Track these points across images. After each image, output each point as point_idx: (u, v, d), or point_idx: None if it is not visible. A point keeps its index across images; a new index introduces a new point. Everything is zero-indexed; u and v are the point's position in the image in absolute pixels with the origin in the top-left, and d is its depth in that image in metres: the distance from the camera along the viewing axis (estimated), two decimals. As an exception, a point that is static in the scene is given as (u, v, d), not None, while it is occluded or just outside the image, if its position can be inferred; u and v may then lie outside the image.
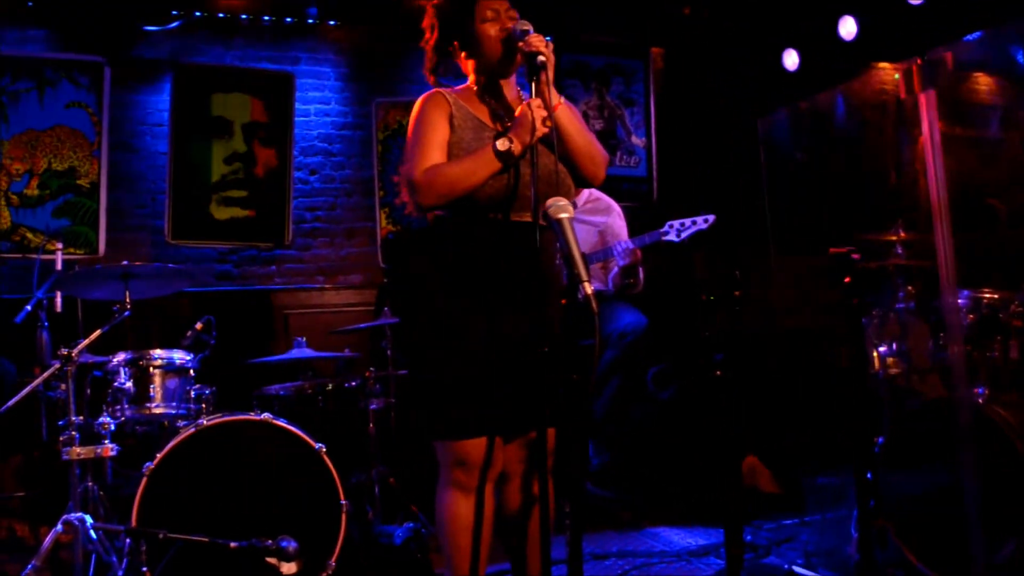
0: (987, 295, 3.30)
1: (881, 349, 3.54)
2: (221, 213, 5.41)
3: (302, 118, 5.62)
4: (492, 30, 2.48)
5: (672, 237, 4.20)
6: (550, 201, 2.23)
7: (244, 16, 5.48)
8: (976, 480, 2.77)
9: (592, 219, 4.57)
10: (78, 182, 5.14)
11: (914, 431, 3.25)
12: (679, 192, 6.17)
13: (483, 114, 2.55)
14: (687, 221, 4.22)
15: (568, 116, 2.50)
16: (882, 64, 5.92)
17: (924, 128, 2.99)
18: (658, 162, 6.26)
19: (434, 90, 2.57)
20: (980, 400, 3.10)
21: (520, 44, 2.40)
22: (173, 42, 5.37)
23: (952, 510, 2.87)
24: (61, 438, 3.19)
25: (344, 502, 3.28)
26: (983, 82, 5.48)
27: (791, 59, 5.60)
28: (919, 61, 3.00)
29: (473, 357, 2.45)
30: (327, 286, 5.58)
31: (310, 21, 5.63)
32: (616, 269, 4.38)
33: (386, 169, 5.71)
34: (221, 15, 5.42)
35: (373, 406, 4.15)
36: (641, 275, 4.39)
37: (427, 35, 2.62)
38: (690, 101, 6.22)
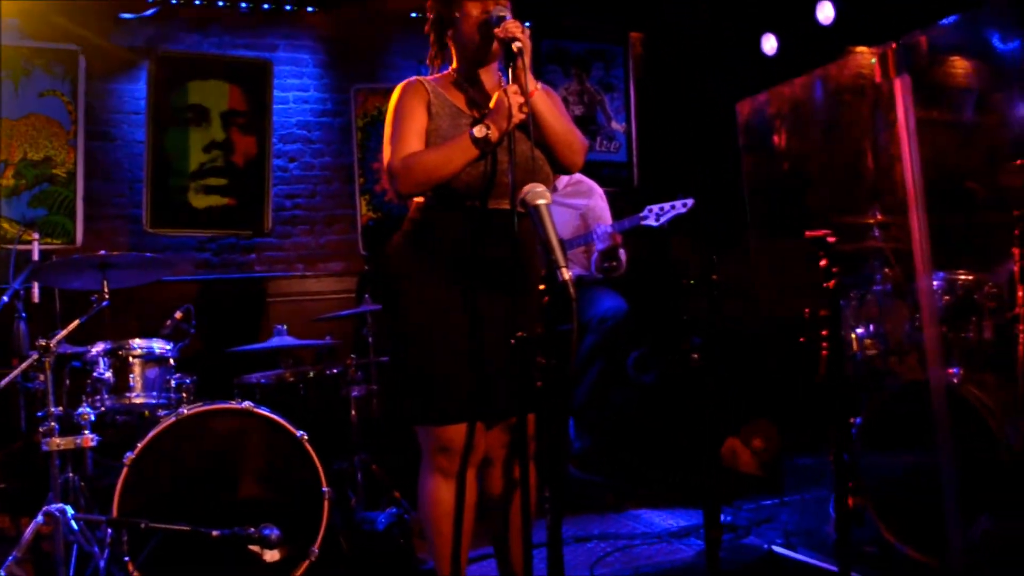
0: (962, 277, 3.34)
1: (859, 331, 3.57)
2: (200, 201, 5.38)
3: (281, 105, 5.58)
4: (475, 11, 2.47)
5: (651, 222, 4.22)
6: (527, 187, 2.23)
7: (221, 3, 5.43)
8: (951, 459, 2.82)
9: (574, 202, 4.58)
10: (54, 171, 5.10)
11: (892, 412, 3.29)
12: (659, 177, 6.19)
13: (461, 102, 2.55)
14: (666, 205, 4.24)
15: (545, 102, 2.50)
16: (860, 48, 5.94)
17: (899, 113, 3.01)
18: (638, 147, 6.28)
19: (412, 78, 2.56)
20: (955, 380, 3.14)
21: (496, 30, 2.40)
22: (149, 30, 5.32)
23: (929, 489, 2.91)
24: (40, 429, 3.17)
25: (326, 489, 3.29)
26: (959, 65, 5.50)
27: (769, 44, 5.62)
28: (894, 46, 3.02)
29: (454, 343, 2.46)
30: (307, 274, 5.57)
31: (288, 7, 5.59)
32: (596, 253, 4.39)
33: (366, 156, 5.69)
34: (198, 2, 5.37)
35: (355, 393, 4.15)
36: (623, 257, 4.41)
37: (428, 19, 2.61)
38: (670, 86, 6.23)
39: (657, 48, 6.33)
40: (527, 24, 2.42)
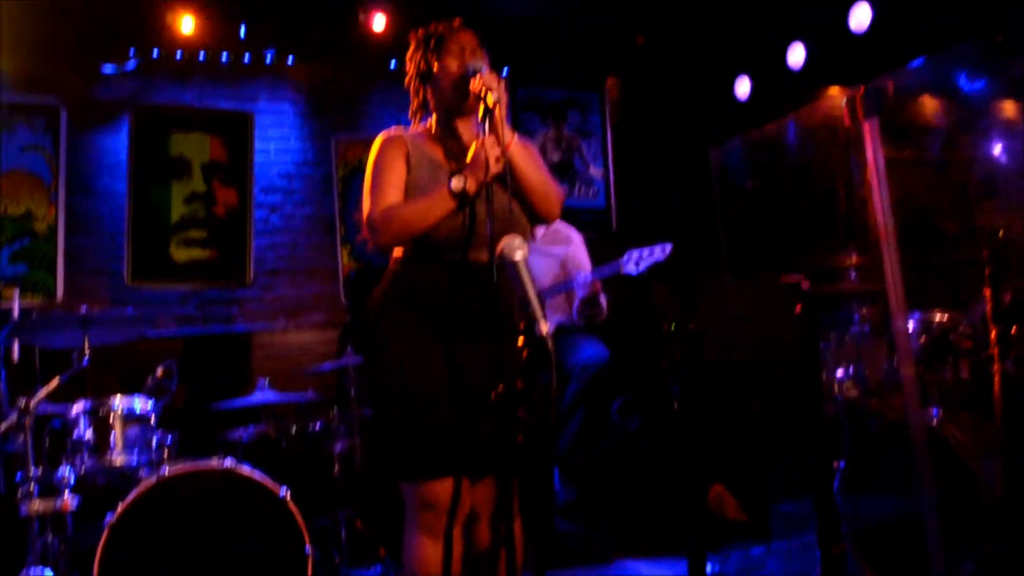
0: (937, 316, 3.37)
1: (839, 372, 3.60)
2: (181, 254, 5.38)
3: (262, 156, 5.62)
4: (452, 64, 2.50)
5: (630, 269, 4.23)
6: (504, 242, 2.24)
7: (202, 56, 5.47)
8: (933, 501, 2.82)
9: (553, 249, 4.60)
10: (35, 226, 5.10)
11: (874, 454, 3.30)
12: (638, 221, 6.24)
13: (439, 154, 2.57)
14: (644, 251, 4.25)
15: (522, 153, 2.52)
16: (831, 90, 6.05)
17: (868, 155, 3.07)
18: (616, 192, 6.33)
19: (391, 130, 2.59)
20: (934, 422, 3.15)
21: (473, 82, 2.43)
22: (131, 83, 5.36)
23: (913, 531, 2.91)
24: (19, 491, 3.14)
25: (309, 548, 3.26)
26: (929, 105, 5.61)
27: (743, 87, 5.71)
28: (862, 90, 3.08)
29: (435, 397, 2.45)
30: (289, 326, 5.56)
31: (268, 60, 5.64)
32: (577, 300, 4.41)
33: (347, 206, 5.72)
34: (179, 55, 5.41)
35: (338, 447, 4.13)
36: (604, 304, 4.42)
37: (408, 71, 2.64)
38: (646, 131, 6.31)
39: (633, 94, 6.41)
40: (503, 72, 2.45)
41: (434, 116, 2.61)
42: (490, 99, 2.37)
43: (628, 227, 6.25)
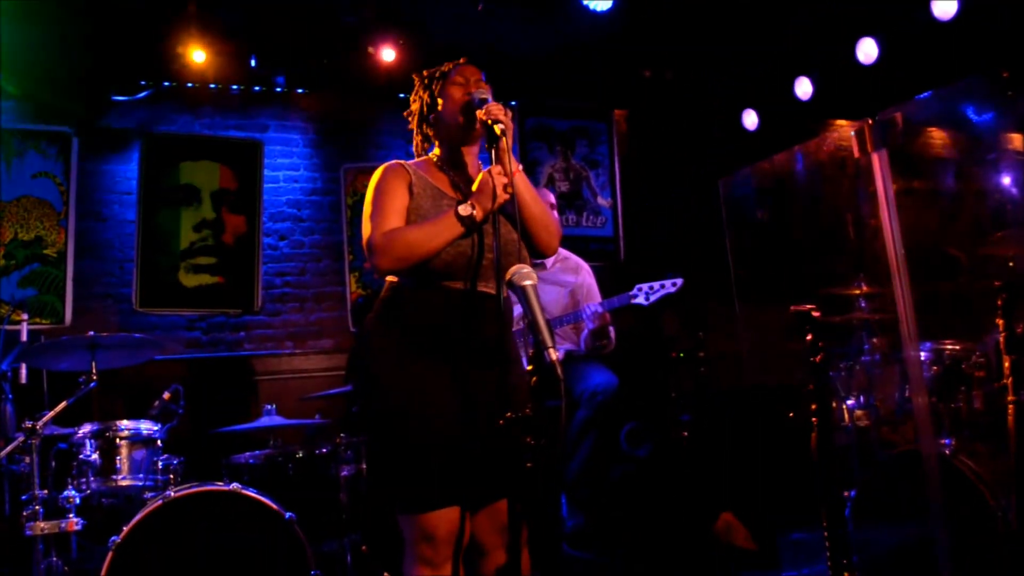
0: (949, 347, 3.36)
1: (849, 402, 3.58)
2: (189, 280, 5.39)
3: (271, 184, 5.65)
4: (457, 94, 2.52)
5: (641, 301, 4.22)
6: (514, 268, 2.23)
7: (213, 85, 5.52)
8: (946, 531, 2.79)
9: (563, 278, 4.60)
10: (45, 251, 5.12)
11: (885, 483, 3.27)
12: (645, 251, 6.25)
13: (443, 184, 2.56)
14: (656, 284, 4.24)
15: (526, 183, 2.51)
16: (839, 121, 6.09)
17: (878, 186, 3.07)
18: (624, 222, 6.35)
19: (393, 161, 2.59)
20: (947, 452, 3.13)
21: (478, 112, 2.44)
22: (142, 111, 5.40)
23: (925, 561, 2.87)
24: (24, 513, 3.13)
25: (315, 573, 3.23)
26: (937, 137, 5.64)
27: (750, 119, 5.75)
28: (870, 121, 3.10)
29: (433, 426, 2.39)
30: (297, 351, 5.56)
31: (278, 89, 5.69)
32: (586, 332, 4.40)
33: (355, 234, 5.74)
34: (189, 84, 5.46)
35: (344, 472, 4.10)
36: (612, 335, 4.41)
37: (412, 109, 2.65)
38: (654, 162, 6.34)
39: (641, 125, 6.46)
40: (512, 103, 2.46)
41: (437, 148, 2.62)
42: (497, 129, 2.39)
43: (636, 257, 6.26)
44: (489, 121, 2.39)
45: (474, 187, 2.43)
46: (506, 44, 5.19)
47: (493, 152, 2.40)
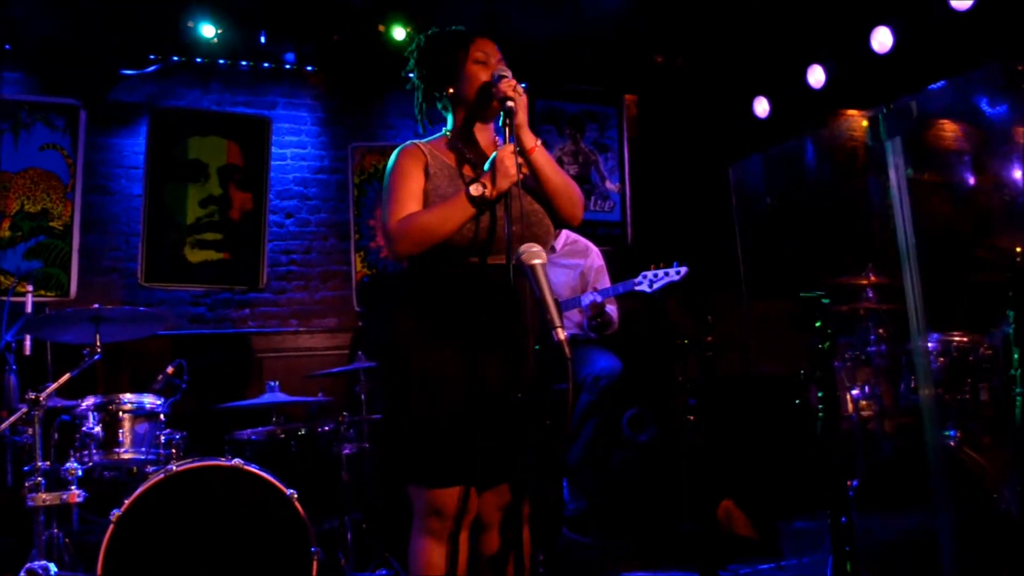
0: (956, 338, 3.34)
1: (854, 392, 3.56)
2: (195, 256, 5.38)
3: (278, 162, 5.63)
4: (483, 74, 2.50)
5: (644, 288, 4.20)
6: (523, 247, 2.23)
7: (222, 61, 5.50)
8: (949, 522, 2.78)
9: (572, 261, 4.59)
10: (51, 224, 5.11)
11: (889, 474, 3.26)
12: (653, 236, 6.23)
13: (457, 161, 2.56)
14: (660, 272, 4.21)
15: (546, 156, 2.52)
16: (850, 111, 6.05)
17: (891, 175, 3.05)
18: (632, 207, 6.33)
19: (408, 143, 2.58)
20: (952, 443, 3.12)
21: (493, 89, 2.43)
22: (150, 86, 5.38)
23: (928, 551, 2.87)
24: (26, 484, 3.13)
25: (315, 549, 3.23)
26: (949, 129, 5.60)
27: (762, 106, 5.72)
28: (885, 109, 3.07)
29: (451, 405, 2.42)
30: (301, 329, 5.55)
31: (287, 67, 5.67)
32: (584, 317, 4.39)
33: (362, 213, 5.72)
34: (199, 60, 5.44)
35: (346, 451, 4.11)
36: (613, 316, 4.39)
37: (422, 71, 2.62)
38: (663, 147, 6.31)
39: (651, 110, 6.43)
40: (523, 85, 2.45)
41: (449, 125, 2.61)
42: (509, 105, 2.37)
43: (644, 241, 6.24)
44: (504, 97, 2.38)
45: (486, 166, 2.43)
46: (517, 26, 5.15)
47: (507, 129, 2.39)
